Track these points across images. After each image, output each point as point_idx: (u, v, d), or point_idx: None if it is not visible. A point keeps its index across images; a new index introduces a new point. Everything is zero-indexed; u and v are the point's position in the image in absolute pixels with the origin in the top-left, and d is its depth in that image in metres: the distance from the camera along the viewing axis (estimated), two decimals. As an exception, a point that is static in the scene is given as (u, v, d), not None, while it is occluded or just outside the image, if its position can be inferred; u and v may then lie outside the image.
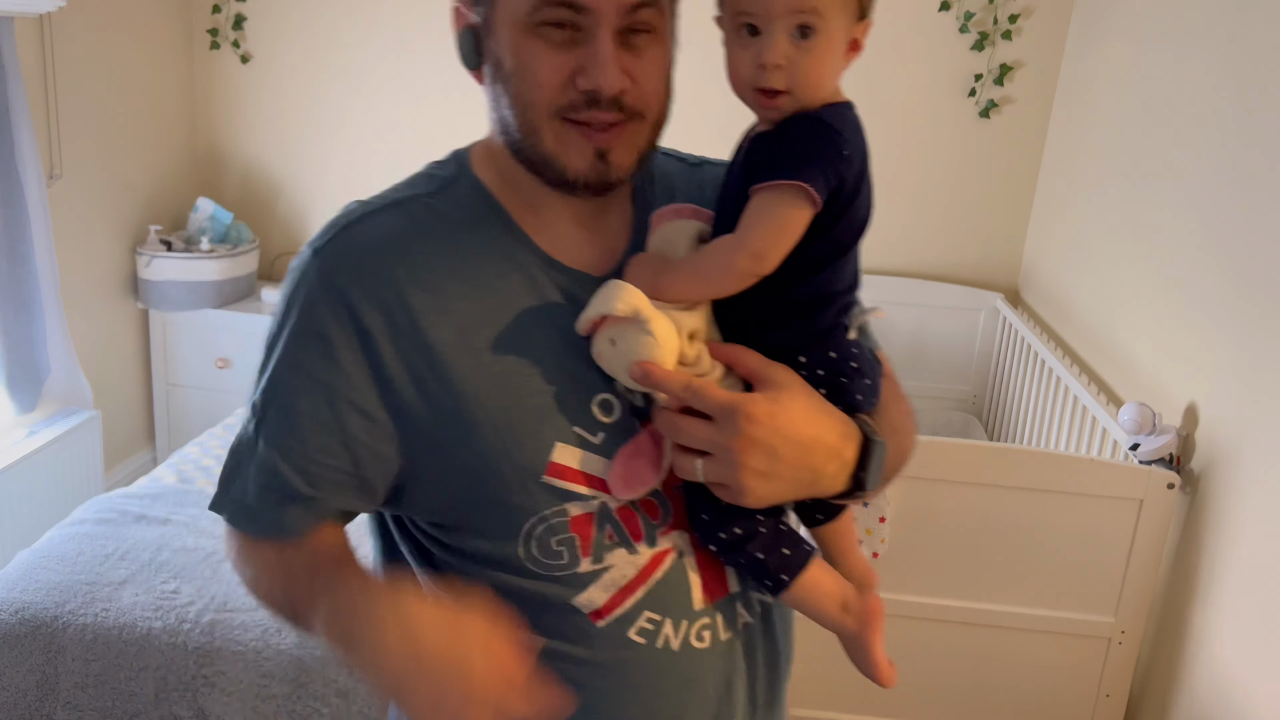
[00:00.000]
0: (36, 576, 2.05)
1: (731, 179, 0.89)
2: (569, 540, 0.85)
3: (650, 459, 0.86)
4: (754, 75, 0.84)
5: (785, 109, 0.84)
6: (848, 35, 0.85)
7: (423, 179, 0.92)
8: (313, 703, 1.89)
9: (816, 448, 0.84)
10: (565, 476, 0.85)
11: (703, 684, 0.90)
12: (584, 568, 0.86)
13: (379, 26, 3.48)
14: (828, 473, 0.85)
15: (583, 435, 0.85)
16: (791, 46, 0.82)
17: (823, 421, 0.85)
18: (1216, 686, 1.86)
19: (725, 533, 0.87)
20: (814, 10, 0.81)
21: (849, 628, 0.93)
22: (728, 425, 0.81)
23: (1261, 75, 1.95)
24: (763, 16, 0.82)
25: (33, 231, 2.68)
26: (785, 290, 0.85)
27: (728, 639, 0.92)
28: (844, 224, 0.85)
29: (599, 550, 0.86)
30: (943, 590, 2.04)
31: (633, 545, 0.87)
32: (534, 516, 0.84)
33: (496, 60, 0.83)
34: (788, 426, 0.82)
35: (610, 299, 0.81)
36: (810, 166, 0.81)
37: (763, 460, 0.82)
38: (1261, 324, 1.83)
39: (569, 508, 0.85)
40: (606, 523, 0.86)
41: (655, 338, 0.81)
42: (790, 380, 0.85)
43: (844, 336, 0.90)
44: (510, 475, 0.84)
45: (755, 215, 0.83)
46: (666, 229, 0.91)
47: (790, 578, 0.89)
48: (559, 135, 0.83)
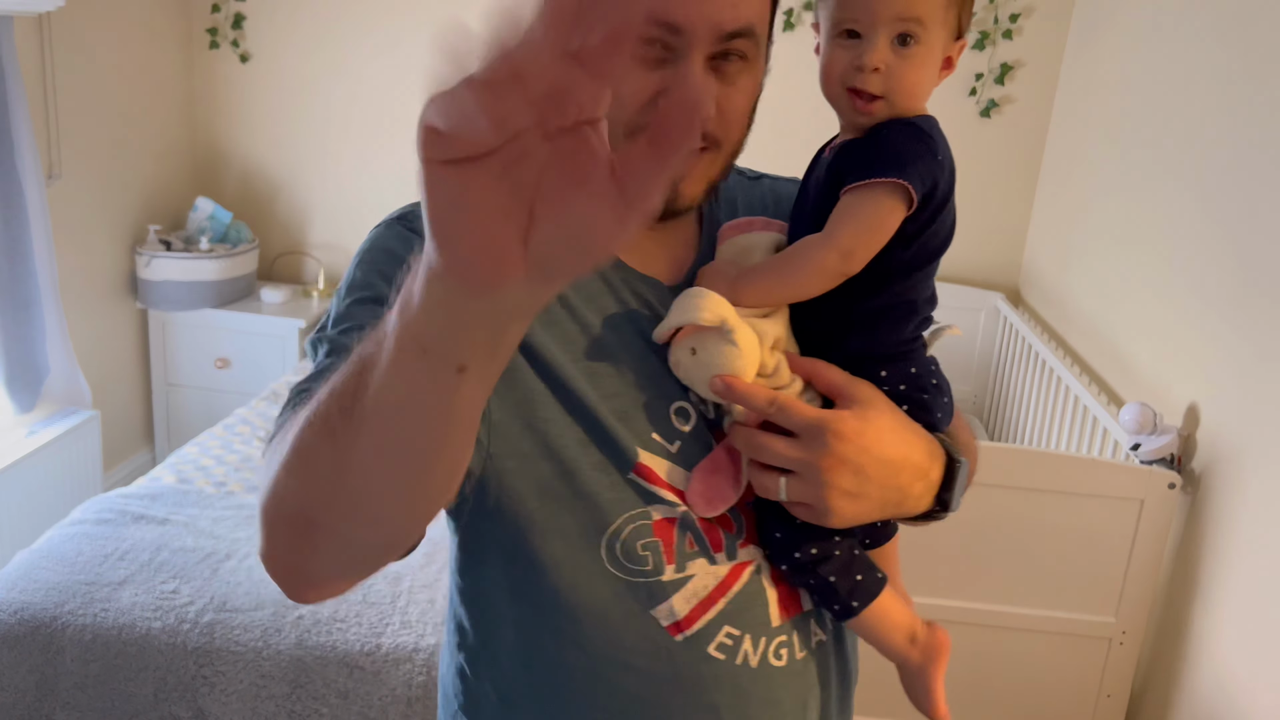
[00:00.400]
0: (35, 577, 2.05)
1: (811, 190, 0.89)
2: (654, 545, 0.82)
3: (729, 475, 0.84)
4: (850, 75, 0.84)
5: (877, 115, 0.84)
6: (944, 51, 0.86)
7: None
8: (313, 703, 1.89)
9: (905, 467, 0.82)
10: (651, 479, 0.82)
11: (780, 704, 0.87)
12: (667, 575, 0.83)
13: (379, 26, 3.48)
14: (914, 493, 0.84)
15: (662, 443, 0.83)
16: (891, 53, 0.83)
17: (910, 440, 0.83)
18: (1217, 686, 1.85)
19: (800, 552, 0.85)
20: (917, 19, 0.82)
21: (914, 660, 0.91)
22: (815, 443, 0.79)
23: (1262, 74, 1.95)
24: (866, 22, 0.83)
25: (32, 231, 2.68)
26: (869, 297, 0.85)
27: (803, 658, 0.89)
28: (931, 232, 0.84)
29: (681, 558, 0.83)
30: (943, 590, 2.04)
31: (713, 555, 0.84)
32: (621, 515, 0.82)
33: None
34: (876, 445, 0.80)
35: (695, 308, 0.79)
36: (907, 166, 0.81)
37: (851, 480, 0.79)
38: (1263, 324, 1.83)
39: (653, 510, 0.82)
40: (688, 530, 0.83)
41: (739, 348, 0.79)
42: (876, 397, 0.83)
43: (924, 352, 0.89)
44: (600, 468, 0.81)
45: (846, 212, 0.82)
46: (740, 240, 0.89)
47: (861, 605, 0.87)
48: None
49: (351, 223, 3.69)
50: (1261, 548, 1.77)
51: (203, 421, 3.39)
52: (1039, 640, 2.06)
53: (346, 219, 3.69)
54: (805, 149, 0.96)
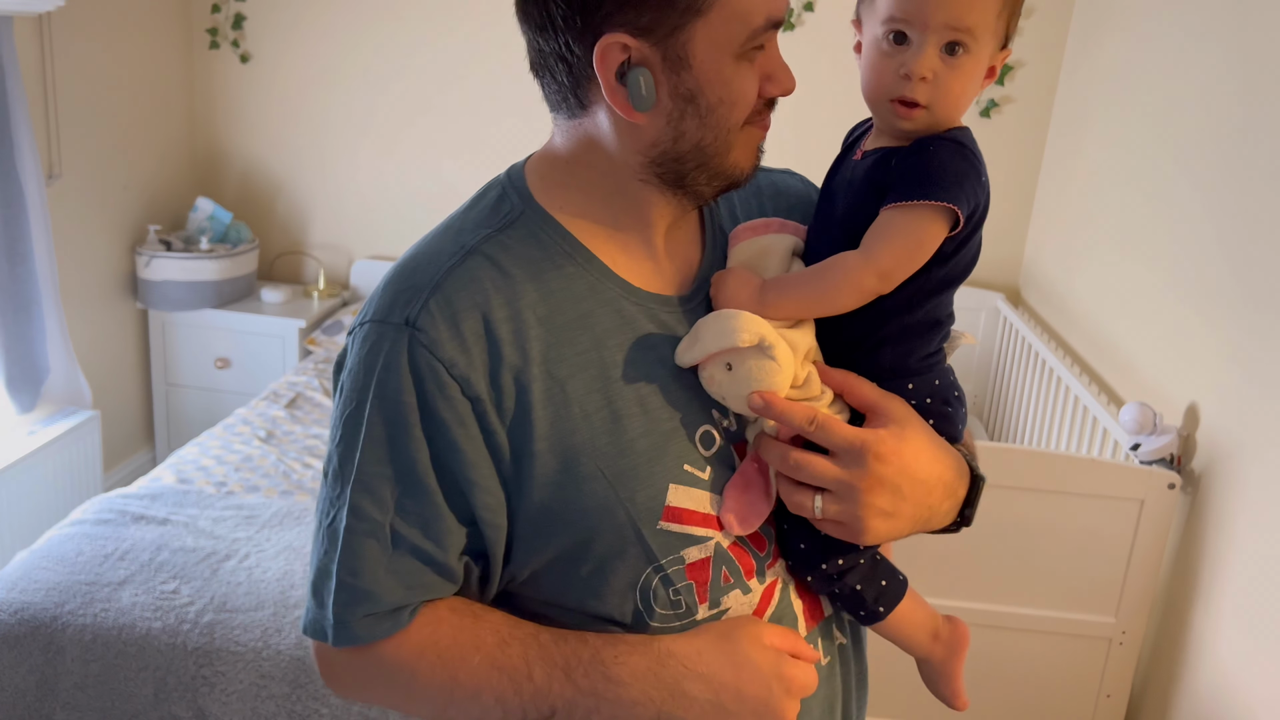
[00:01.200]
0: (35, 577, 2.05)
1: (841, 194, 0.87)
2: (686, 588, 0.82)
3: (761, 490, 0.84)
4: (896, 85, 0.82)
5: (919, 124, 0.83)
6: (990, 60, 0.84)
7: (484, 214, 0.86)
8: (312, 703, 1.89)
9: (937, 486, 0.83)
10: (681, 519, 0.82)
11: (810, 711, 0.89)
12: (701, 615, 0.83)
13: (378, 26, 3.48)
14: (942, 510, 0.85)
15: (693, 472, 0.83)
16: (939, 61, 0.81)
17: (942, 459, 0.84)
18: (1217, 687, 1.86)
19: (826, 564, 0.85)
20: (969, 29, 0.80)
21: (936, 656, 0.93)
22: (855, 463, 0.79)
23: (1262, 74, 1.95)
24: (917, 26, 0.81)
25: (32, 231, 2.68)
26: (903, 313, 0.84)
27: (828, 662, 0.90)
28: (965, 251, 0.84)
29: (715, 594, 0.83)
30: (943, 590, 2.04)
31: (745, 584, 0.85)
32: (650, 566, 0.82)
33: (688, 94, 0.78)
34: (914, 465, 0.81)
35: (732, 330, 0.79)
36: (956, 188, 0.80)
37: (888, 500, 0.80)
38: (1262, 324, 1.83)
39: (685, 554, 0.82)
40: (722, 564, 0.83)
41: (778, 363, 0.79)
42: (908, 415, 0.83)
43: (945, 363, 0.89)
44: (627, 525, 0.80)
45: (888, 232, 0.80)
46: (756, 243, 0.89)
47: (887, 610, 0.88)
48: (743, 143, 0.82)
49: (352, 223, 3.69)
50: (1261, 548, 1.77)
51: (203, 421, 3.39)
52: (1039, 640, 2.06)
53: (346, 219, 3.69)
54: (801, 146, 0.96)
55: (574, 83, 0.81)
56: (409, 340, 0.78)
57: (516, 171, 0.88)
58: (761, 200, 0.97)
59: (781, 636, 0.83)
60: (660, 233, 0.88)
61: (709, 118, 0.79)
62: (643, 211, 0.86)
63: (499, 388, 0.78)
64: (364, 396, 0.79)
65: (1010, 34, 0.85)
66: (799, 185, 1.01)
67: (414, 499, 0.79)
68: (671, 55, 0.77)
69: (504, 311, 0.79)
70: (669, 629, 0.83)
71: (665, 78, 0.78)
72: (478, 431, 0.79)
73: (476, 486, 0.79)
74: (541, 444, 0.79)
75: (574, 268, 0.83)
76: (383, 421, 0.79)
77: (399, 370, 0.78)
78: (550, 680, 0.79)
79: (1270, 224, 1.85)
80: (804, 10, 3.29)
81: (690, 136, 0.80)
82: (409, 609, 0.81)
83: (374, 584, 0.80)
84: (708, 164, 0.82)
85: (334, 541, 0.81)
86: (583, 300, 0.82)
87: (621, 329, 0.83)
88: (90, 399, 2.96)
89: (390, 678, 0.83)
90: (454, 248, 0.82)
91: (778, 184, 1.00)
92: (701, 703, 0.79)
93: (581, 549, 0.81)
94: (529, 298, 0.81)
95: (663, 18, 0.75)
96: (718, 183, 0.84)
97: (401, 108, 3.55)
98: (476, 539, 0.82)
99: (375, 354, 0.79)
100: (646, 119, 0.79)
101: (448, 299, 0.79)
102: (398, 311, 0.79)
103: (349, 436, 0.80)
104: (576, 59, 0.79)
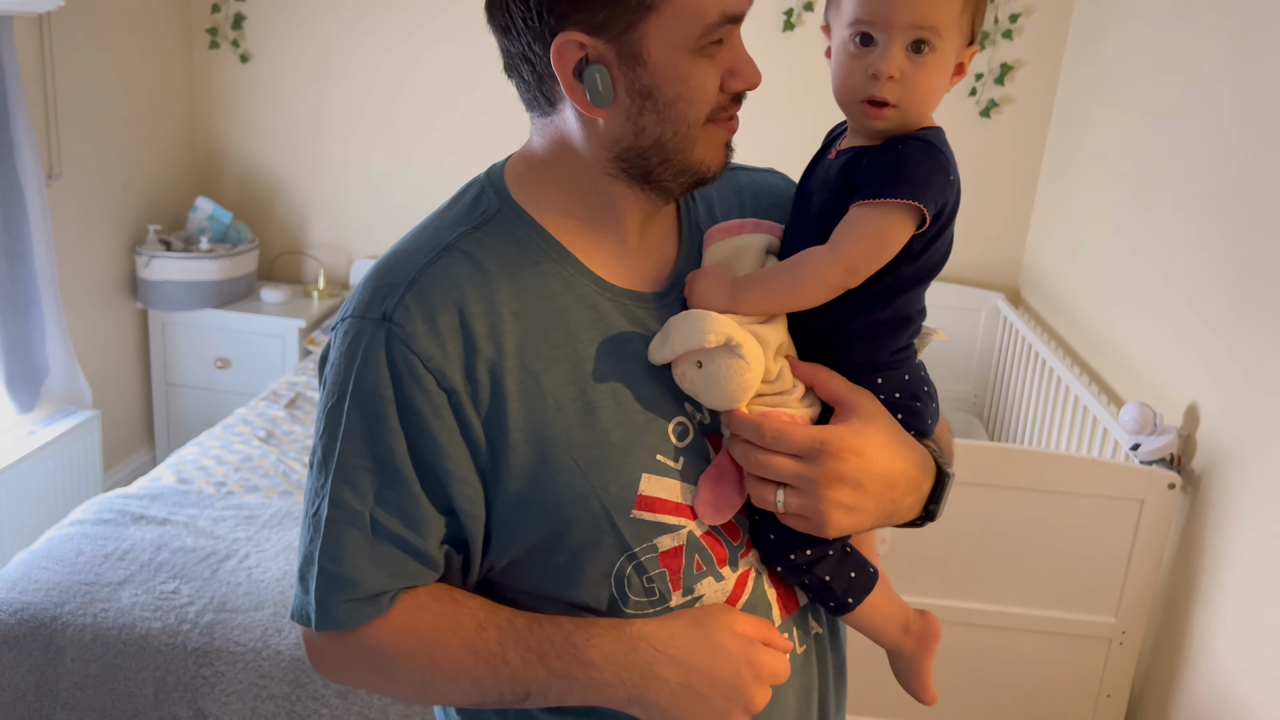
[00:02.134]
0: (35, 577, 2.05)
1: (816, 192, 0.88)
2: (660, 576, 0.84)
3: (734, 481, 0.86)
4: (865, 85, 0.83)
5: (890, 123, 0.84)
6: (957, 57, 0.86)
7: (462, 212, 0.88)
8: (312, 703, 1.89)
9: (899, 481, 0.84)
10: (654, 508, 0.84)
11: (785, 699, 0.90)
12: (675, 601, 0.85)
13: (378, 26, 3.48)
14: (905, 505, 0.86)
15: (665, 462, 0.84)
16: (906, 60, 0.82)
17: (905, 454, 0.85)
18: (1217, 687, 1.86)
19: (795, 554, 0.86)
20: (933, 27, 0.82)
21: (907, 649, 0.93)
22: (814, 460, 0.81)
23: (1262, 74, 1.95)
24: (882, 26, 0.82)
25: (32, 231, 2.68)
26: (872, 310, 0.85)
27: (803, 651, 0.92)
28: (935, 248, 0.85)
29: (689, 581, 0.85)
30: (943, 590, 2.04)
31: (718, 572, 0.86)
32: (624, 555, 0.83)
33: (644, 90, 0.80)
34: (874, 461, 0.82)
35: (699, 332, 0.80)
36: (924, 188, 0.81)
37: (848, 495, 0.82)
38: (1262, 324, 1.83)
39: (659, 542, 0.84)
40: (695, 552, 0.85)
41: (747, 361, 0.80)
42: (874, 409, 0.85)
43: (915, 359, 0.90)
44: (600, 515, 0.82)
45: (856, 229, 0.82)
46: (731, 243, 0.90)
47: (857, 601, 0.89)
48: (707, 139, 0.83)
49: (352, 223, 3.69)
50: (1261, 548, 1.77)
51: (203, 421, 3.39)
52: (1039, 640, 2.06)
53: (346, 219, 3.69)
54: (801, 145, 0.96)
55: (539, 82, 0.83)
56: (386, 334, 0.80)
57: (496, 171, 0.90)
58: (742, 199, 0.98)
59: (754, 625, 0.85)
60: (634, 229, 0.89)
61: (667, 113, 0.81)
62: (615, 208, 0.87)
63: (474, 380, 0.80)
64: (344, 390, 0.82)
65: (977, 30, 0.86)
66: (780, 184, 1.02)
67: (393, 489, 0.81)
68: (626, 52, 0.79)
69: (480, 306, 0.81)
70: (643, 615, 0.84)
71: (622, 74, 0.79)
72: (454, 423, 0.80)
73: (454, 477, 0.81)
74: (517, 435, 0.81)
75: (549, 264, 0.85)
76: (361, 414, 0.81)
77: (377, 364, 0.80)
78: (525, 664, 0.81)
79: (1270, 224, 1.85)
80: (804, 10, 3.28)
81: (650, 132, 0.81)
82: (389, 595, 0.84)
83: (355, 571, 0.82)
84: (671, 159, 0.83)
85: (317, 530, 0.83)
86: (558, 296, 0.84)
87: (595, 324, 0.85)
88: (90, 399, 2.96)
89: (372, 661, 0.85)
90: (431, 245, 0.84)
91: (759, 182, 1.01)
92: (672, 685, 0.81)
93: (557, 538, 0.83)
94: (504, 293, 0.83)
95: (616, 15, 0.77)
96: (684, 179, 0.85)
97: (402, 107, 3.55)
98: (456, 528, 0.84)
99: (354, 348, 0.81)
100: (607, 115, 0.81)
101: (424, 294, 0.81)
102: (375, 307, 0.82)
103: (330, 428, 0.83)
104: (538, 58, 0.81)
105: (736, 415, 0.83)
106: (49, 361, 2.82)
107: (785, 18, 3.29)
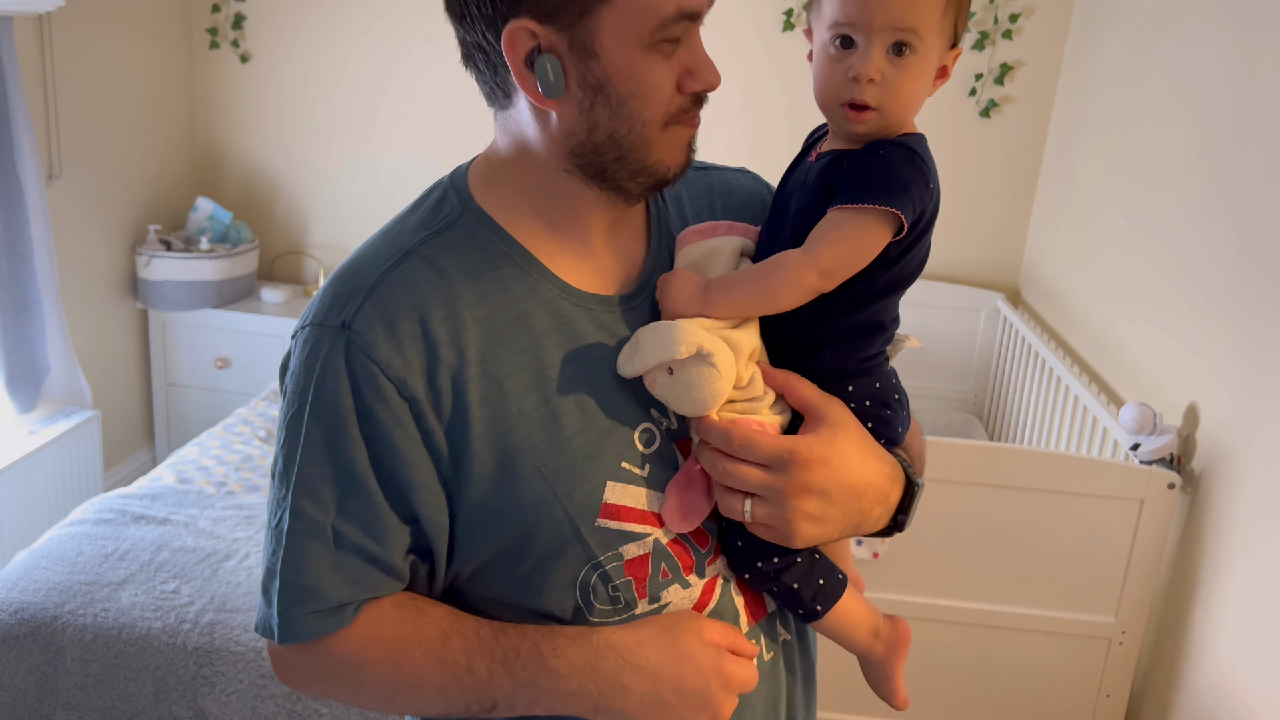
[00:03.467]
0: (36, 577, 2.05)
1: (794, 195, 0.87)
2: (625, 584, 0.83)
3: (702, 488, 0.85)
4: (845, 89, 0.82)
5: (871, 127, 0.84)
6: (940, 60, 0.85)
7: (424, 216, 0.87)
8: (312, 703, 1.89)
9: (867, 492, 0.84)
10: (619, 516, 0.82)
11: (753, 706, 0.89)
12: (640, 609, 0.84)
13: (378, 26, 3.48)
14: (873, 516, 0.86)
15: (630, 470, 0.83)
16: (887, 63, 0.81)
17: (873, 465, 0.84)
18: (1217, 687, 1.85)
19: (762, 561, 0.85)
20: (913, 29, 0.81)
21: (876, 653, 0.93)
22: (781, 470, 0.80)
23: (1262, 74, 1.95)
24: (862, 28, 0.81)
25: (32, 231, 2.68)
26: (845, 315, 0.85)
27: (771, 658, 0.91)
28: (911, 256, 0.84)
29: (654, 589, 0.84)
30: (943, 590, 2.04)
31: (685, 579, 0.85)
32: (588, 564, 0.82)
33: (596, 83, 0.79)
34: (841, 471, 0.81)
35: (670, 343, 0.79)
36: (902, 194, 0.80)
37: (815, 505, 0.81)
38: (1262, 324, 1.83)
39: (624, 550, 0.83)
40: (660, 560, 0.84)
41: (718, 369, 0.79)
42: (844, 418, 0.84)
43: (886, 366, 0.89)
44: (564, 523, 0.81)
45: (832, 232, 0.81)
46: (703, 245, 0.89)
47: (825, 608, 0.88)
48: (666, 141, 0.82)
49: (352, 223, 3.69)
50: (1261, 548, 1.77)
51: (203, 421, 3.39)
52: (1039, 640, 2.06)
53: (346, 219, 3.69)
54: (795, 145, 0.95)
55: (493, 72, 0.82)
56: (345, 343, 0.79)
57: (459, 174, 0.89)
58: (713, 199, 0.97)
59: (722, 632, 0.84)
60: (598, 231, 0.88)
61: (620, 109, 0.79)
62: (576, 208, 0.86)
63: (436, 388, 0.79)
64: (304, 399, 0.80)
65: (959, 32, 0.85)
66: (751, 184, 1.01)
67: (355, 499, 0.80)
68: (578, 43, 0.77)
69: (440, 313, 0.80)
70: (609, 624, 0.83)
71: (573, 66, 0.78)
72: (415, 432, 0.79)
73: (416, 486, 0.80)
74: (479, 443, 0.80)
75: (512, 268, 0.84)
76: (321, 424, 0.80)
77: (336, 373, 0.79)
78: (491, 674, 0.81)
79: (1270, 223, 1.85)
80: (804, 10, 3.28)
81: (603, 127, 0.80)
82: (353, 606, 0.83)
83: (318, 582, 0.81)
84: (626, 157, 0.82)
85: (279, 541, 0.82)
86: (520, 300, 0.83)
87: (559, 329, 0.84)
88: (90, 399, 2.96)
89: (336, 671, 0.84)
90: (391, 250, 0.83)
91: (730, 182, 1.00)
92: (639, 695, 0.81)
93: (520, 546, 0.82)
94: (466, 298, 0.81)
95: (568, 4, 0.76)
96: (643, 179, 0.83)
97: (401, 107, 3.55)
98: (420, 536, 0.83)
99: (314, 357, 0.80)
100: (558, 107, 0.80)
101: (384, 301, 0.80)
102: (335, 315, 0.80)
103: (291, 438, 0.81)
104: (491, 47, 0.80)
105: (706, 422, 0.82)
106: (49, 361, 2.82)
107: (785, 18, 3.29)
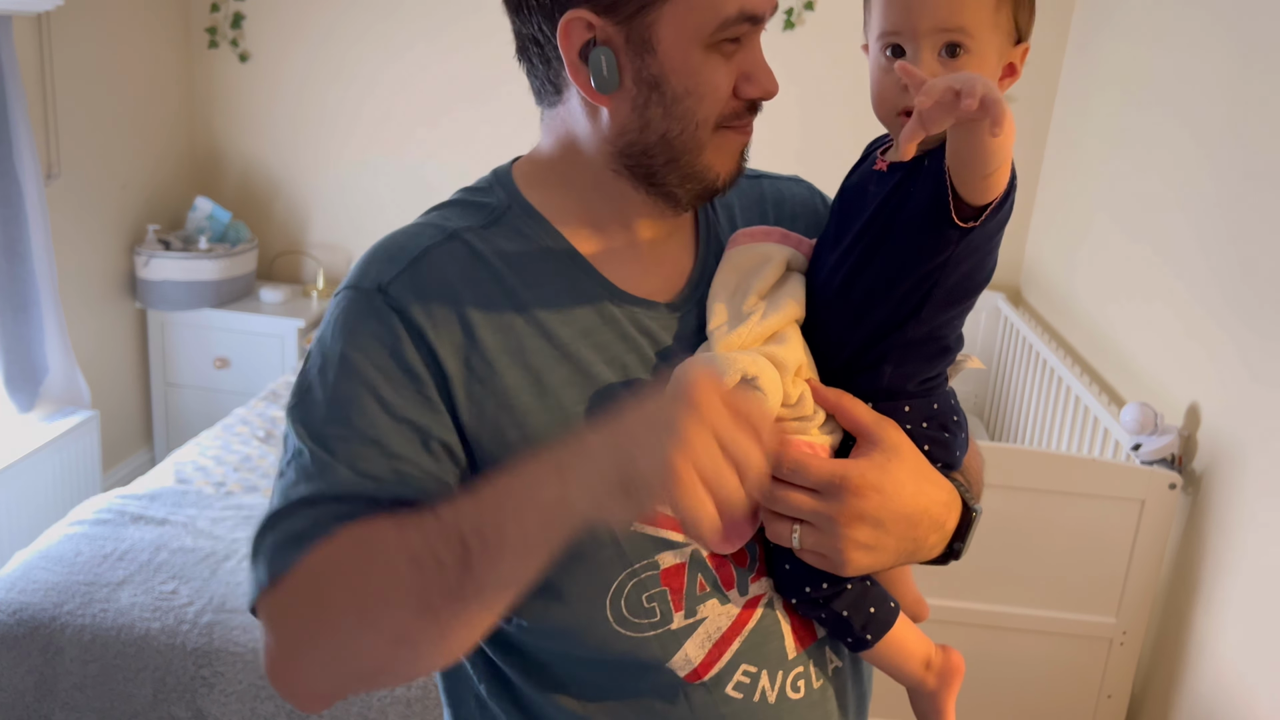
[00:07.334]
0: (34, 577, 2.04)
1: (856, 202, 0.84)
2: (660, 595, 0.79)
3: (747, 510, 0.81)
4: (899, 98, 0.79)
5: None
6: (1002, 59, 0.81)
7: (470, 208, 0.85)
8: (311, 704, 1.89)
9: (922, 520, 0.80)
10: (657, 522, 0.79)
11: None
12: (676, 623, 0.80)
13: (378, 25, 3.48)
14: (929, 544, 0.82)
15: None
16: (939, 66, 0.78)
17: (929, 491, 0.81)
18: (1218, 687, 1.85)
19: (810, 587, 0.82)
20: (962, 28, 0.77)
21: (928, 686, 0.89)
22: (833, 496, 0.77)
23: (1262, 74, 1.94)
24: (908, 34, 0.78)
25: (30, 231, 2.68)
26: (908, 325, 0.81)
27: (820, 685, 0.87)
28: (981, 257, 0.80)
29: (691, 602, 0.80)
30: (943, 590, 2.03)
31: (724, 594, 0.82)
32: (625, 570, 0.79)
33: (652, 79, 0.77)
34: (896, 499, 0.78)
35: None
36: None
37: (868, 534, 0.78)
38: (1263, 324, 1.83)
39: (660, 559, 0.79)
40: (698, 571, 0.81)
41: (764, 392, 0.77)
42: (899, 442, 0.81)
43: (945, 386, 0.86)
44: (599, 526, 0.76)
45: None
46: (755, 249, 0.87)
47: (876, 637, 0.85)
48: (717, 145, 0.80)
49: (351, 222, 3.68)
50: (1262, 548, 1.76)
51: (202, 421, 3.38)
52: (1039, 640, 2.05)
53: (346, 219, 3.69)
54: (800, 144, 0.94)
55: (546, 65, 0.81)
56: (380, 305, 0.78)
57: (504, 171, 0.88)
58: (764, 208, 0.95)
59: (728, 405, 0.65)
60: (644, 236, 0.87)
61: (675, 108, 0.78)
62: (622, 210, 0.85)
63: (471, 369, 0.78)
64: (333, 356, 0.78)
65: (1023, 27, 0.81)
66: (804, 193, 0.99)
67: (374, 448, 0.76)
68: (636, 37, 0.76)
69: (480, 297, 0.79)
70: (644, 638, 0.80)
71: (629, 60, 0.77)
72: (443, 405, 0.77)
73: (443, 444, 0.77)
74: (513, 432, 0.78)
75: (557, 263, 0.83)
76: (348, 378, 0.77)
77: (366, 333, 0.77)
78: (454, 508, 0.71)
79: (1271, 223, 1.84)
80: (804, 10, 3.28)
81: (656, 127, 0.79)
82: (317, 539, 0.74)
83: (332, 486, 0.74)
84: (677, 160, 0.80)
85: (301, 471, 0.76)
86: (564, 297, 0.82)
87: (602, 328, 0.82)
88: (89, 399, 2.96)
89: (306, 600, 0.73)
90: (437, 232, 0.83)
91: (782, 191, 0.98)
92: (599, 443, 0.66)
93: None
94: (508, 286, 0.80)
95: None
96: (691, 185, 0.82)
97: (401, 106, 3.54)
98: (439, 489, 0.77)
99: (347, 316, 0.79)
100: (611, 103, 0.79)
101: (424, 271, 0.79)
102: (371, 278, 0.80)
103: (309, 394, 0.78)
104: (546, 39, 0.79)
105: None
106: (48, 361, 2.82)
107: (786, 18, 3.29)
